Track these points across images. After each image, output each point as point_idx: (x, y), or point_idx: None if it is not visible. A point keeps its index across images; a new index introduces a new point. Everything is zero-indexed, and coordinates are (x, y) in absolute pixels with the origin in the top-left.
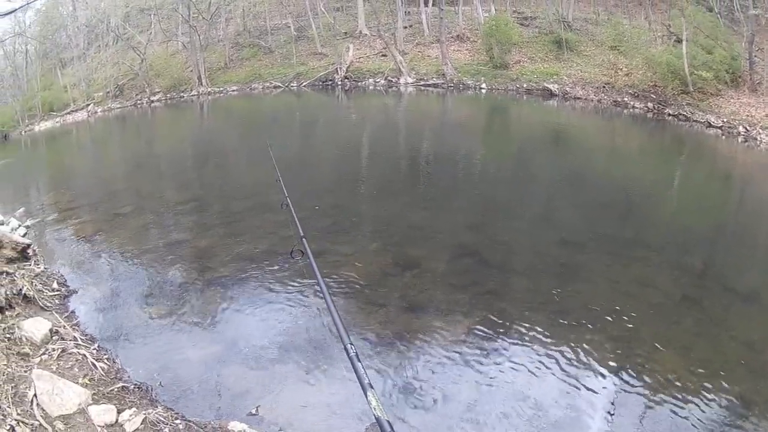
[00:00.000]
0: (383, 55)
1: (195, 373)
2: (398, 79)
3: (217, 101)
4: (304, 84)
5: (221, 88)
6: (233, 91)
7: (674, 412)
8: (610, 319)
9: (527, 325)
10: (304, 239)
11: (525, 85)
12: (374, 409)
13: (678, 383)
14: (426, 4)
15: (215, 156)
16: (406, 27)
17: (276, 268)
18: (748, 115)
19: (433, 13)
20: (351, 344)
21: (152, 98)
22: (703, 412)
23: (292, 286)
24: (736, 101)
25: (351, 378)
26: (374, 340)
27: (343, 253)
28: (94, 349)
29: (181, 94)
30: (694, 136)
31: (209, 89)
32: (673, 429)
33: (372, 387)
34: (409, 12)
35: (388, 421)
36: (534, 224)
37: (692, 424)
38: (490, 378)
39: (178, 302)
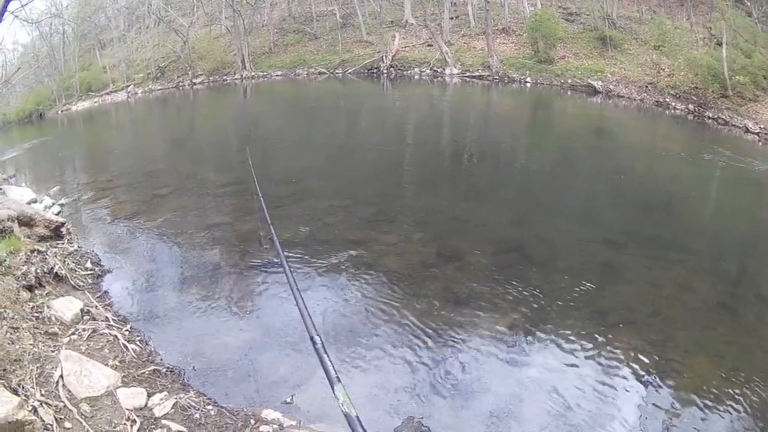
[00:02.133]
0: (429, 45)
1: (230, 358)
2: (443, 69)
3: (261, 85)
4: (350, 71)
5: (265, 73)
6: (277, 76)
7: (703, 419)
8: (647, 321)
9: (567, 323)
10: (272, 226)
11: (569, 81)
12: (342, 404)
13: (708, 389)
14: None
15: (257, 140)
16: (452, 18)
17: (321, 259)
18: None
19: (480, 5)
20: (318, 335)
21: (194, 80)
22: (732, 419)
23: (337, 275)
24: None
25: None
26: (415, 331)
27: (387, 242)
28: (127, 330)
29: (224, 77)
30: (733, 141)
31: (253, 73)
32: None
33: (340, 381)
34: (455, 3)
35: (357, 417)
36: (576, 222)
37: (719, 431)
38: (526, 375)
39: (215, 286)
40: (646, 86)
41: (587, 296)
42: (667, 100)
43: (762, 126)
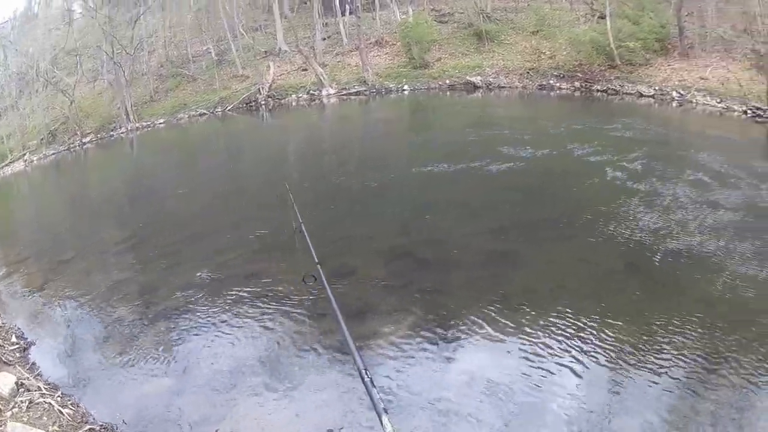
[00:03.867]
0: (304, 70)
1: (156, 406)
2: (320, 91)
3: (145, 136)
4: (229, 108)
5: (149, 122)
6: (160, 123)
7: (634, 378)
8: (552, 297)
9: (472, 316)
10: (319, 266)
11: (447, 82)
12: None
13: (634, 348)
14: (343, 13)
15: (142, 193)
16: (324, 38)
17: (222, 294)
18: (680, 80)
19: (351, 22)
20: (365, 369)
21: (84, 140)
22: (666, 371)
23: (238, 309)
24: (667, 68)
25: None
26: (320, 354)
27: (281, 271)
28: (59, 396)
29: (111, 132)
30: (625, 107)
31: (137, 124)
32: (637, 393)
33: (386, 412)
34: (327, 23)
35: None
36: (460, 218)
37: (655, 383)
38: (447, 371)
39: (132, 340)
40: (528, 72)
41: (486, 287)
42: (551, 81)
43: (657, 88)
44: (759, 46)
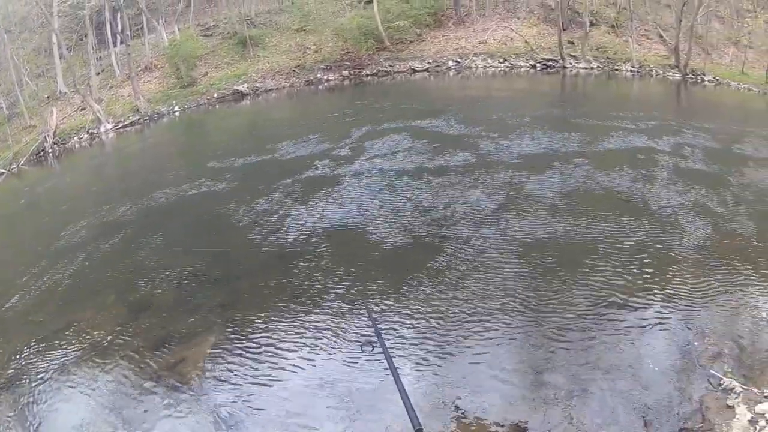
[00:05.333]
0: (83, 109)
1: None
2: (99, 128)
3: None
4: (22, 162)
5: None
6: None
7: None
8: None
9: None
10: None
11: (215, 95)
12: None
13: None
14: (115, 44)
15: None
16: (98, 73)
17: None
18: (457, 48)
19: (122, 51)
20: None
21: None
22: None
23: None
24: (442, 39)
25: None
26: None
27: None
28: None
29: None
30: (397, 86)
31: None
32: None
33: None
34: (100, 57)
35: None
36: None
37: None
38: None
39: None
40: (294, 70)
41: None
42: (318, 75)
43: (430, 60)
44: (549, 0)
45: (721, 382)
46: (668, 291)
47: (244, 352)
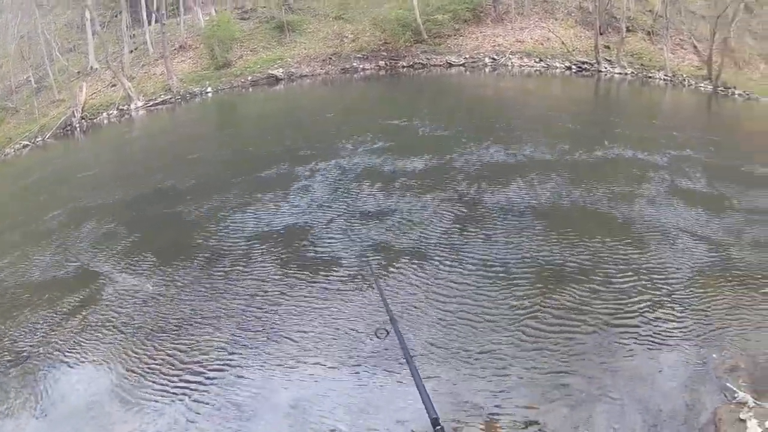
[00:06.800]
0: (113, 86)
1: None
2: (129, 105)
3: None
4: (48, 136)
5: None
6: None
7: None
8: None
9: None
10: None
11: (250, 78)
12: None
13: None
14: (150, 22)
15: None
16: (131, 51)
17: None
18: (494, 45)
19: (157, 30)
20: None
21: None
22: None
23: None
24: (479, 35)
25: None
26: None
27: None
28: None
29: None
30: (432, 80)
31: None
32: None
33: None
34: (134, 35)
35: None
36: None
37: None
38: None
39: None
40: (330, 58)
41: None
42: (354, 64)
43: (467, 56)
44: (587, 3)
45: (736, 395)
46: (691, 304)
47: (257, 339)
